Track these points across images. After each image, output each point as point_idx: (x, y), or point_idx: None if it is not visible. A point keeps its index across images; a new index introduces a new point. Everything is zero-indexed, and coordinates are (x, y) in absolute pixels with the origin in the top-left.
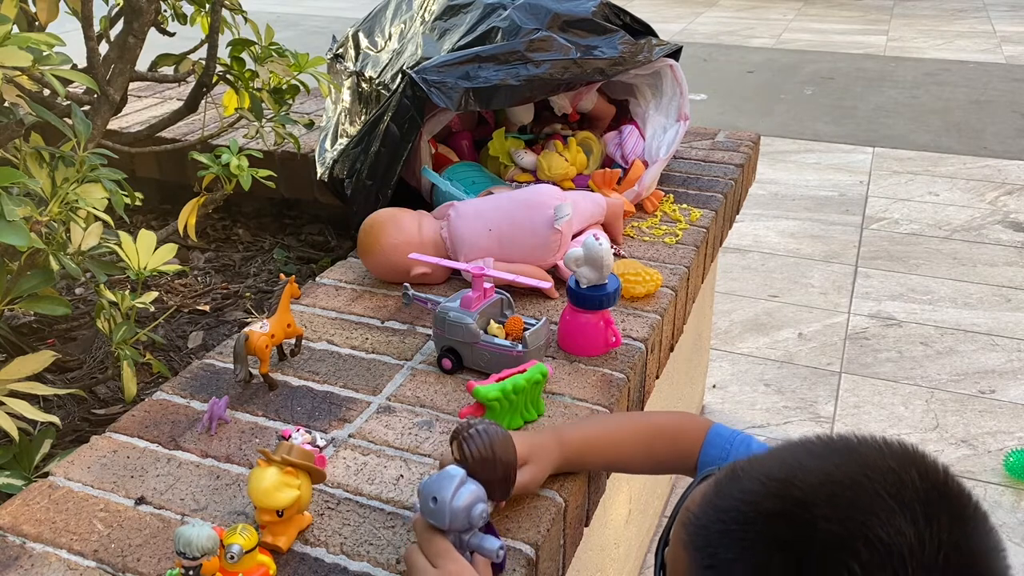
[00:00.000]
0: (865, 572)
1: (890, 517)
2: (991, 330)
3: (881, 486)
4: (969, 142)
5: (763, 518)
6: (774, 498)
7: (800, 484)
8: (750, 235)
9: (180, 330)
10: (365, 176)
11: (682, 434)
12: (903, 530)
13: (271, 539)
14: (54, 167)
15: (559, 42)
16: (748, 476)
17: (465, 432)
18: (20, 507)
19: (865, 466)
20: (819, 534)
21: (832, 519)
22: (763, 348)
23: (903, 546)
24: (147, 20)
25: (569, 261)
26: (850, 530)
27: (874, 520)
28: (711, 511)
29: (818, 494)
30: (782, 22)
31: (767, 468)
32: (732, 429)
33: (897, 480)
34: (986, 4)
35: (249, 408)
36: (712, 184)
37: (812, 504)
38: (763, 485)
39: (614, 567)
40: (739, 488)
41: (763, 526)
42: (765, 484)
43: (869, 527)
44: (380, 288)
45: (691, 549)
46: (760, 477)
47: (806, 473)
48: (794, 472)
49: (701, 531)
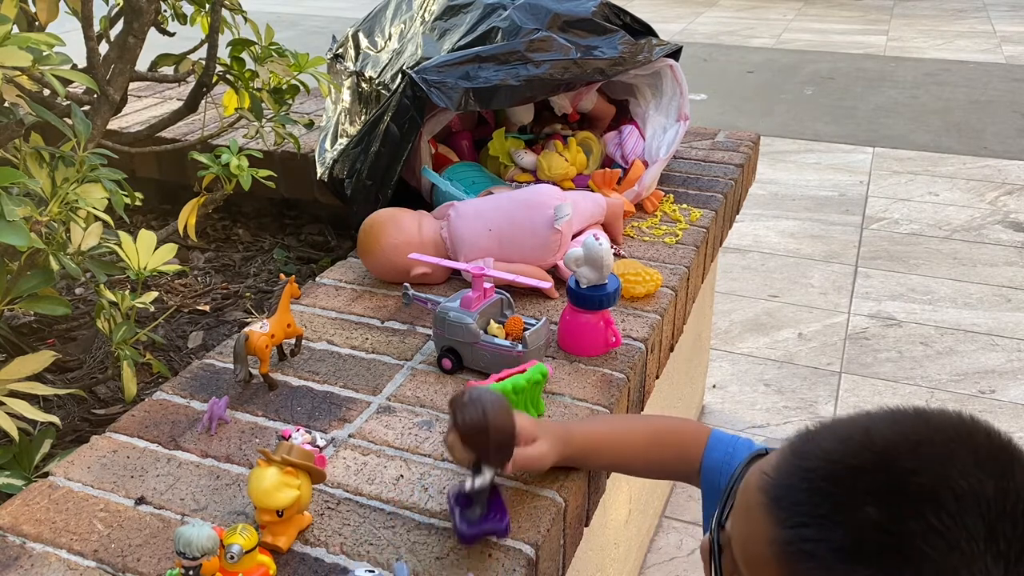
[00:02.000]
0: (954, 521)
1: (970, 470)
2: (991, 330)
3: (956, 443)
4: (969, 142)
5: (852, 472)
6: (856, 454)
7: (879, 441)
8: (750, 235)
9: (180, 330)
10: (365, 176)
11: (684, 439)
12: (983, 481)
13: (271, 539)
14: (54, 167)
15: (559, 42)
16: (826, 438)
17: (459, 400)
18: (20, 507)
19: (936, 427)
20: (909, 486)
21: (919, 472)
22: (763, 348)
23: (986, 496)
24: (147, 20)
25: (569, 261)
26: (936, 482)
27: (955, 472)
28: (794, 471)
29: (898, 448)
30: (782, 22)
31: (843, 430)
32: (731, 434)
33: (970, 438)
34: (986, 4)
35: (249, 408)
36: (712, 184)
37: (894, 458)
38: (844, 444)
39: (614, 567)
40: (819, 448)
41: (853, 480)
42: (846, 443)
43: (953, 479)
44: (380, 288)
45: (776, 510)
46: (839, 436)
47: (884, 433)
48: (871, 433)
49: (787, 491)
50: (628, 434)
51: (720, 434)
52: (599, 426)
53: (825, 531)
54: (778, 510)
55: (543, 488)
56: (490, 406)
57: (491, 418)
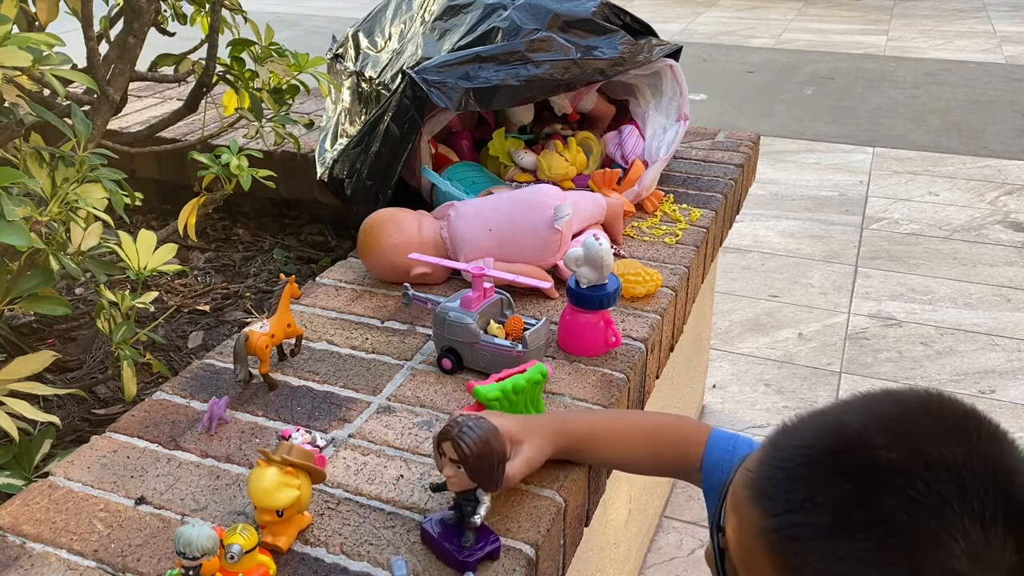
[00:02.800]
0: (928, 488)
1: (939, 440)
2: (991, 330)
3: (923, 416)
4: (969, 142)
5: (827, 455)
6: (832, 438)
7: (852, 424)
8: (750, 235)
9: (180, 330)
10: (365, 176)
11: (685, 436)
12: (953, 449)
13: (271, 539)
14: (54, 167)
15: (559, 42)
16: (800, 429)
17: (457, 431)
18: (20, 507)
19: (903, 404)
20: (881, 460)
21: (890, 447)
22: (763, 348)
23: (957, 463)
24: (147, 20)
25: (569, 261)
26: (908, 454)
27: (925, 442)
28: (774, 462)
29: (870, 429)
30: (782, 22)
31: (816, 420)
32: (731, 432)
33: (935, 410)
34: (986, 4)
35: (249, 408)
36: (712, 184)
37: (867, 438)
38: (818, 431)
39: (614, 567)
40: (796, 438)
41: (828, 463)
42: (819, 430)
43: (923, 450)
44: (380, 288)
45: (761, 502)
46: (813, 426)
47: (854, 415)
48: (842, 416)
49: (768, 482)
50: (626, 429)
51: (721, 433)
52: (596, 419)
53: (809, 514)
54: (763, 500)
55: (543, 488)
56: (490, 432)
57: (494, 444)
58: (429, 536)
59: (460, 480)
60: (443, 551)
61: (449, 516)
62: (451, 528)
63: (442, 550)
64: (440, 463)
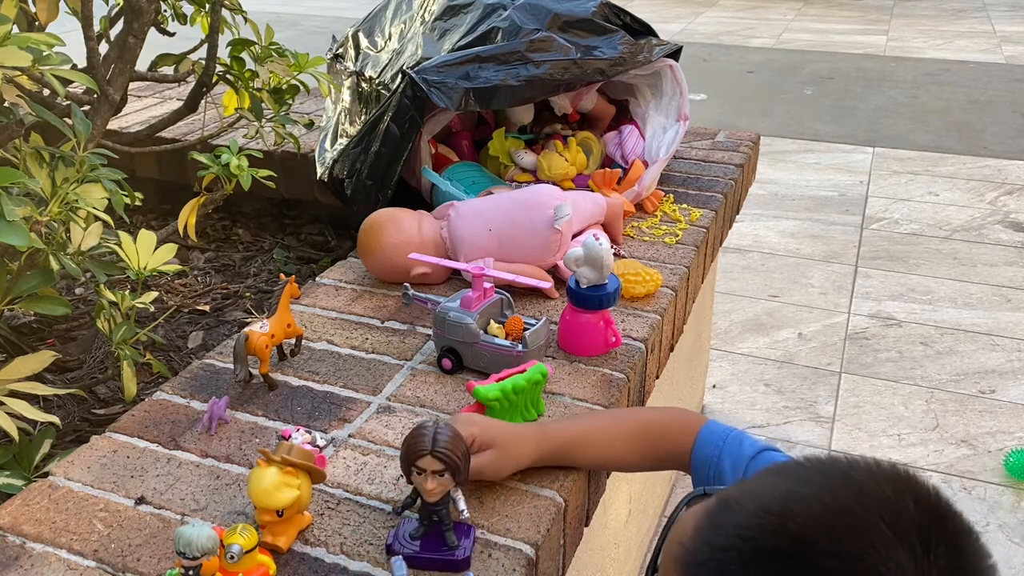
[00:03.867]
0: None
1: (889, 549)
2: (991, 330)
3: (878, 515)
4: (969, 142)
5: (763, 556)
6: (771, 535)
7: (796, 518)
8: (750, 235)
9: (180, 330)
10: (365, 176)
11: (674, 431)
12: (902, 563)
13: (271, 539)
14: (54, 167)
15: (559, 42)
16: (742, 509)
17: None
18: (20, 507)
19: (860, 494)
20: (819, 571)
21: (832, 555)
22: (763, 348)
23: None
24: (147, 20)
25: (569, 261)
26: (850, 566)
27: (873, 553)
28: (705, 547)
29: (815, 528)
30: (782, 22)
31: (760, 500)
32: (726, 426)
33: (893, 509)
34: (986, 4)
35: (249, 408)
36: (712, 184)
37: (811, 540)
38: (759, 520)
39: (614, 567)
40: (734, 523)
41: (763, 565)
42: (761, 519)
43: (868, 561)
44: (380, 288)
45: None
46: (754, 510)
47: (801, 505)
48: (788, 504)
49: (696, 568)
50: (619, 428)
51: (714, 426)
52: (582, 423)
53: None
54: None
55: (543, 488)
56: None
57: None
58: (412, 558)
59: (442, 487)
60: (435, 563)
61: (415, 529)
62: (428, 538)
63: (434, 563)
64: (420, 481)
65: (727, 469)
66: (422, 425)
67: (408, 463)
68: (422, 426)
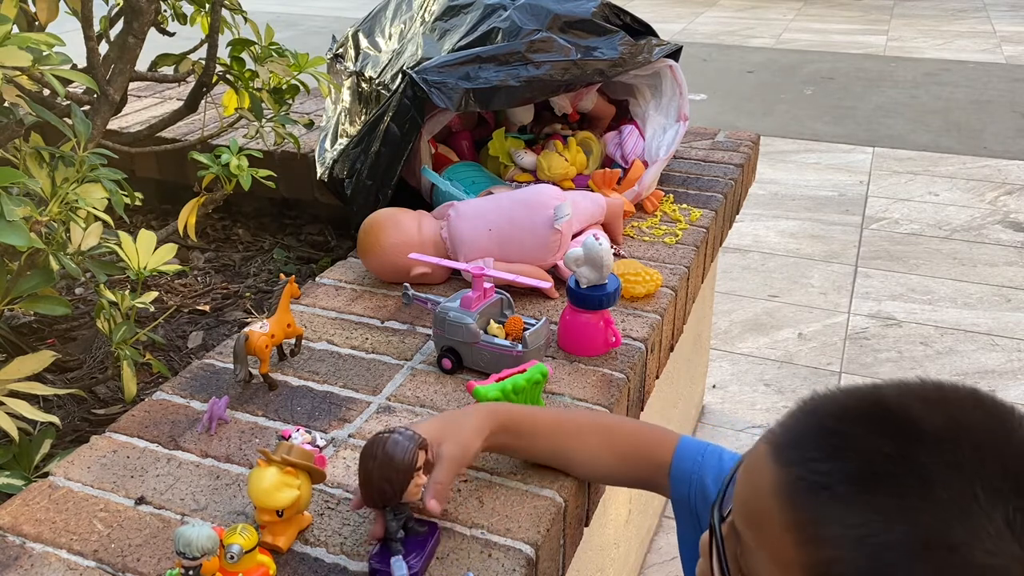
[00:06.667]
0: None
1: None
2: (991, 330)
3: (968, 400)
4: (969, 142)
5: (863, 413)
6: (869, 401)
7: (890, 393)
8: (750, 235)
9: (180, 330)
10: (365, 176)
11: (651, 440)
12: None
13: (271, 539)
14: (54, 167)
15: (559, 43)
16: (833, 394)
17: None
18: (20, 507)
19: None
20: (922, 424)
21: (932, 417)
22: (763, 348)
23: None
24: (147, 20)
25: (569, 261)
26: (949, 425)
27: (968, 421)
28: (804, 419)
29: (911, 399)
30: (782, 22)
31: (853, 390)
32: (700, 441)
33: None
34: (986, 4)
35: (249, 408)
36: (712, 184)
37: (908, 404)
38: (855, 397)
39: (614, 567)
40: (828, 401)
41: (866, 420)
42: (857, 397)
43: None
44: (380, 288)
45: (785, 452)
46: (849, 393)
47: (892, 388)
48: (883, 389)
49: (796, 436)
50: (583, 422)
51: (689, 441)
52: (550, 410)
53: (837, 462)
54: (788, 451)
55: (543, 488)
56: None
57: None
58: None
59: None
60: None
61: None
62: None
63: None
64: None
65: (710, 484)
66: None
67: (407, 476)
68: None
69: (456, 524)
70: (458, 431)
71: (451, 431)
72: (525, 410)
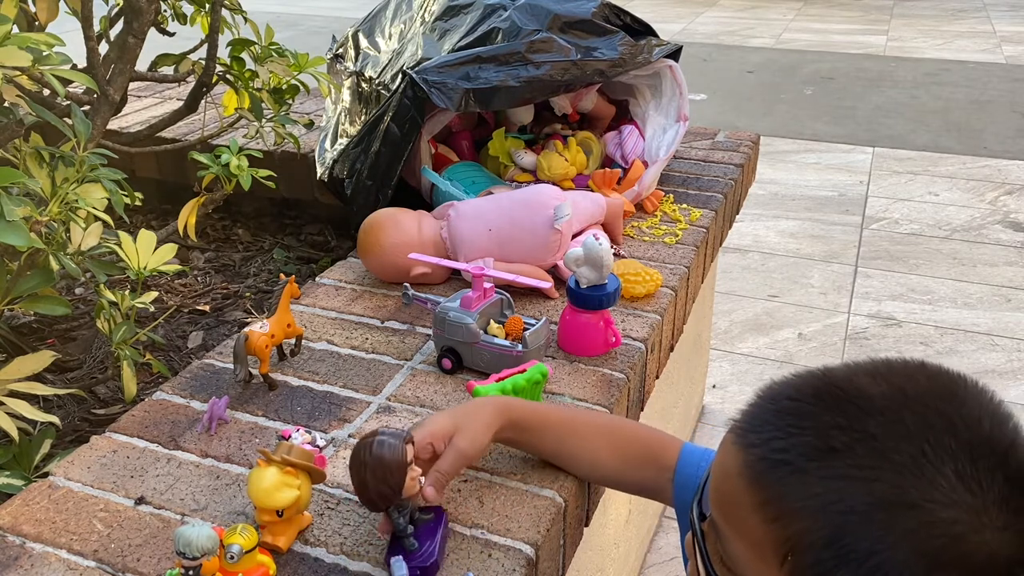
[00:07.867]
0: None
1: (928, 388)
2: (991, 330)
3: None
4: (969, 142)
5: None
6: (820, 379)
7: (842, 372)
8: (750, 235)
9: (180, 330)
10: (365, 176)
11: (656, 445)
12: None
13: (271, 539)
14: (54, 167)
15: (559, 43)
16: (785, 379)
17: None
18: (20, 507)
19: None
20: (869, 392)
21: (879, 385)
22: (763, 348)
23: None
24: (147, 20)
25: (569, 261)
26: (895, 393)
27: (913, 387)
28: (761, 404)
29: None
30: (782, 22)
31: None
32: (702, 447)
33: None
34: (986, 4)
35: (249, 408)
36: (712, 184)
37: (856, 379)
38: (806, 379)
39: (614, 567)
40: (781, 385)
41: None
42: (808, 378)
43: (911, 391)
44: (380, 288)
45: (746, 436)
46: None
47: (841, 368)
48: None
49: (754, 419)
50: (588, 422)
51: (692, 448)
52: (557, 408)
53: (795, 439)
54: (749, 434)
55: (543, 488)
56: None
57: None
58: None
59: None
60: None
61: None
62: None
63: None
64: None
65: None
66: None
67: (402, 472)
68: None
69: (456, 524)
70: (471, 424)
71: (464, 424)
72: (535, 407)
